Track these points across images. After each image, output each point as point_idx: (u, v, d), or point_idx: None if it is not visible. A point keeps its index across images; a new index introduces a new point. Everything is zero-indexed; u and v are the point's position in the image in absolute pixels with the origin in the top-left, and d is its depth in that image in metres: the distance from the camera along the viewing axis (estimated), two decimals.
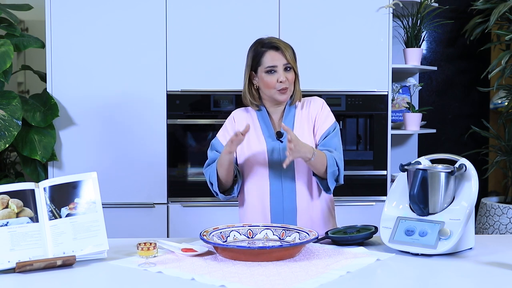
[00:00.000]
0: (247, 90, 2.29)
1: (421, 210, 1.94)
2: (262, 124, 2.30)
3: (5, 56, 3.15)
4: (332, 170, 2.17)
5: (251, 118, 2.32)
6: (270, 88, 2.22)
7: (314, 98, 2.36)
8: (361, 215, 3.38)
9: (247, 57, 2.29)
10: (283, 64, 2.21)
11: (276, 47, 2.22)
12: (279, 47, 2.22)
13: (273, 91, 2.23)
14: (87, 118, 3.37)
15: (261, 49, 2.24)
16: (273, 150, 2.26)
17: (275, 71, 2.21)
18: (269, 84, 2.22)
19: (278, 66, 2.21)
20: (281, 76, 2.20)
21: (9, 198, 1.81)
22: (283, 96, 2.23)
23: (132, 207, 3.39)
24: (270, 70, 2.21)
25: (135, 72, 3.37)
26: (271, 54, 2.22)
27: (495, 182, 4.29)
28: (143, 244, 1.81)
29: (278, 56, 2.21)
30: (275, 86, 2.21)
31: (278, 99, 2.25)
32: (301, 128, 2.28)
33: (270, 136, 2.28)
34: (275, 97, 2.24)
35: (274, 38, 2.28)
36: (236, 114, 2.37)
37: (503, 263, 1.79)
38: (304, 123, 2.29)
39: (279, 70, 2.21)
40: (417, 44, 3.69)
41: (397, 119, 3.83)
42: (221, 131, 2.35)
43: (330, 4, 3.42)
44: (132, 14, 3.37)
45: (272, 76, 2.21)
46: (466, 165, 1.98)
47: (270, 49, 2.23)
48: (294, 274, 1.67)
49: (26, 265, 1.72)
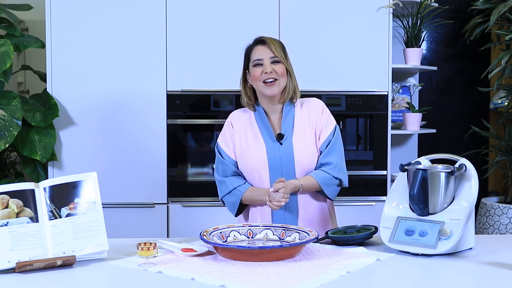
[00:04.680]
0: (242, 90, 2.32)
1: (421, 210, 1.94)
2: (261, 124, 2.30)
3: (5, 56, 3.15)
4: (328, 188, 2.24)
5: (248, 120, 2.32)
6: (257, 81, 2.24)
7: (314, 100, 2.35)
8: (361, 215, 3.38)
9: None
10: (270, 57, 2.24)
11: (262, 41, 2.28)
12: (265, 41, 2.27)
13: (260, 84, 2.24)
14: (87, 118, 3.37)
15: (249, 46, 2.31)
16: (272, 152, 2.25)
17: (261, 64, 2.24)
18: (256, 76, 2.24)
19: (265, 59, 2.24)
20: (267, 68, 2.23)
21: (9, 198, 1.81)
22: (270, 89, 2.23)
23: (132, 207, 3.39)
24: (256, 64, 2.24)
25: (135, 72, 3.37)
26: (258, 49, 2.27)
27: (495, 182, 4.29)
28: (143, 244, 1.81)
29: (264, 49, 2.26)
30: (260, 78, 2.23)
31: (265, 93, 2.25)
32: (302, 130, 2.28)
33: (270, 137, 2.27)
34: (262, 91, 2.25)
35: (263, 36, 2.31)
36: (233, 117, 2.36)
37: (503, 263, 1.79)
38: (305, 125, 2.29)
39: (265, 62, 2.24)
40: (417, 44, 3.69)
41: (397, 119, 3.83)
42: (221, 137, 2.35)
43: (330, 4, 3.42)
44: (132, 14, 3.37)
45: (258, 69, 2.24)
46: (466, 165, 1.98)
47: (257, 44, 2.29)
48: (294, 274, 1.67)
49: (26, 265, 1.72)
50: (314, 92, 3.38)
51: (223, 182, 2.30)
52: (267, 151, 2.25)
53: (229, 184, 2.28)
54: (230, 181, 2.29)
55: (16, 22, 3.45)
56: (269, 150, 2.25)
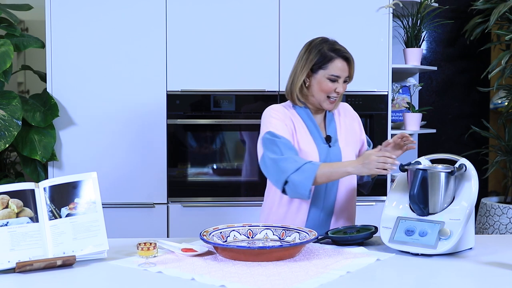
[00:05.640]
0: (298, 86, 2.20)
1: (421, 210, 1.94)
2: (309, 124, 2.23)
3: (5, 56, 3.15)
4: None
5: (294, 116, 2.22)
6: (323, 94, 2.17)
7: (347, 107, 2.39)
8: (361, 215, 3.37)
9: (306, 53, 2.22)
10: (345, 76, 2.19)
11: (346, 58, 2.18)
12: (349, 59, 2.18)
13: (323, 98, 2.18)
14: (87, 118, 3.37)
15: (330, 54, 2.18)
16: (322, 153, 2.20)
17: (337, 81, 2.17)
18: (326, 90, 2.16)
19: (341, 78, 2.17)
20: (340, 87, 2.17)
21: (9, 198, 1.81)
22: (331, 105, 2.21)
23: (132, 207, 3.39)
24: (332, 79, 2.16)
25: (135, 72, 3.37)
26: (340, 63, 2.17)
27: (495, 182, 4.29)
28: (143, 244, 1.81)
29: (345, 67, 2.18)
30: (330, 94, 2.17)
31: (325, 107, 2.21)
32: (344, 136, 2.28)
33: (320, 137, 2.22)
34: (322, 104, 2.19)
35: (341, 45, 2.22)
36: (278, 110, 2.21)
37: (503, 263, 1.79)
38: (348, 133, 2.30)
39: (340, 81, 2.18)
40: (417, 44, 3.69)
41: (397, 119, 3.83)
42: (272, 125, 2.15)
43: (330, 4, 3.42)
44: (132, 14, 3.37)
45: (332, 84, 2.16)
46: (466, 165, 1.98)
47: (340, 57, 2.17)
48: (294, 274, 1.67)
49: (26, 265, 1.72)
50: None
51: (287, 159, 2.06)
52: (319, 152, 2.20)
53: (297, 159, 2.07)
54: (296, 157, 2.07)
55: (16, 22, 3.45)
56: (320, 151, 2.21)
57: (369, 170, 2.00)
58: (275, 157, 2.08)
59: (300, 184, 2.05)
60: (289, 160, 2.06)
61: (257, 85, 3.39)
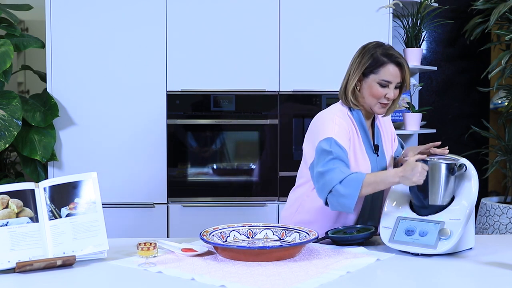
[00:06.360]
0: (351, 88, 2.16)
1: (421, 202, 1.94)
2: (361, 131, 2.19)
3: (5, 56, 3.15)
4: None
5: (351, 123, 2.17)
6: (373, 98, 2.14)
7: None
8: None
9: (360, 56, 2.17)
10: (398, 82, 2.14)
11: (399, 63, 2.12)
12: (402, 64, 2.12)
13: (374, 102, 2.14)
14: (87, 118, 3.37)
15: (383, 59, 2.12)
16: (374, 164, 2.18)
17: (388, 86, 2.13)
18: (376, 95, 2.12)
19: (393, 83, 2.12)
20: (391, 93, 2.12)
21: (9, 198, 1.81)
22: (382, 110, 2.16)
23: (132, 207, 3.39)
24: (383, 85, 2.12)
25: (135, 72, 3.37)
26: (392, 69, 2.12)
27: (495, 182, 4.29)
28: (143, 244, 1.81)
29: (397, 73, 2.12)
30: (380, 99, 2.13)
31: (376, 111, 2.16)
32: (385, 142, 2.27)
33: (370, 146, 2.20)
34: (373, 108, 2.15)
35: (395, 51, 2.16)
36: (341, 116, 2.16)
37: (503, 263, 1.79)
38: (386, 139, 2.27)
39: (392, 86, 2.13)
40: (417, 44, 3.69)
41: (397, 119, 3.83)
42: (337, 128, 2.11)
43: (330, 4, 3.42)
44: (132, 14, 3.37)
45: (382, 89, 2.12)
46: (466, 165, 1.98)
47: (393, 63, 2.12)
48: (294, 274, 1.67)
49: (26, 265, 1.72)
50: (314, 92, 3.38)
51: (334, 170, 2.02)
52: (371, 166, 2.17)
53: (344, 170, 2.02)
54: (343, 168, 2.03)
55: (16, 22, 3.45)
56: (371, 161, 2.18)
57: (410, 182, 1.95)
58: (322, 170, 2.04)
59: (342, 197, 2.00)
60: (335, 171, 2.02)
61: (257, 85, 3.39)
